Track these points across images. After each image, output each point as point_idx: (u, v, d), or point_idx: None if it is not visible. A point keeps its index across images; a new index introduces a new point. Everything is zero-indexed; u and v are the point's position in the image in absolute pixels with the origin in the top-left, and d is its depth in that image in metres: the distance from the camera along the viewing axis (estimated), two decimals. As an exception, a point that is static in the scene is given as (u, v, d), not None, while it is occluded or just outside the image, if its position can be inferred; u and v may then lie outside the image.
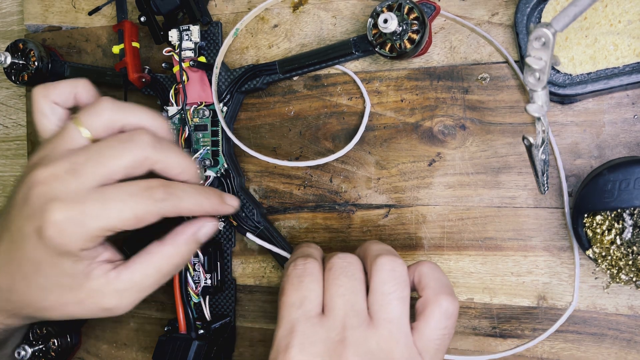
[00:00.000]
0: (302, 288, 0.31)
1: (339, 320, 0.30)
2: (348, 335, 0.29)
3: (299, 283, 0.31)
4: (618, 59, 0.35)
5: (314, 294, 0.31)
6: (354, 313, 0.30)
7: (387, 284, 0.31)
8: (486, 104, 0.38)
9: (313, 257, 0.33)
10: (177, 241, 0.34)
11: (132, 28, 0.44)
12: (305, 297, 0.31)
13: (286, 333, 0.30)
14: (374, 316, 0.30)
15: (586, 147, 0.36)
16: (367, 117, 0.40)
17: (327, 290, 0.31)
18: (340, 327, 0.30)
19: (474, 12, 0.38)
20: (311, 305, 0.31)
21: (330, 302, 0.31)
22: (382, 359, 0.29)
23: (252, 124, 0.44)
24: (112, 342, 0.48)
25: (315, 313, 0.30)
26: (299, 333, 0.30)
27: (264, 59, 0.43)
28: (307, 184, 0.42)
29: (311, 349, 0.29)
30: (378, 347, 0.29)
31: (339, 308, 0.30)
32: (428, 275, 0.32)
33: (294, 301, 0.31)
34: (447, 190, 0.39)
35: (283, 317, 0.31)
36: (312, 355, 0.29)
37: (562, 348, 0.37)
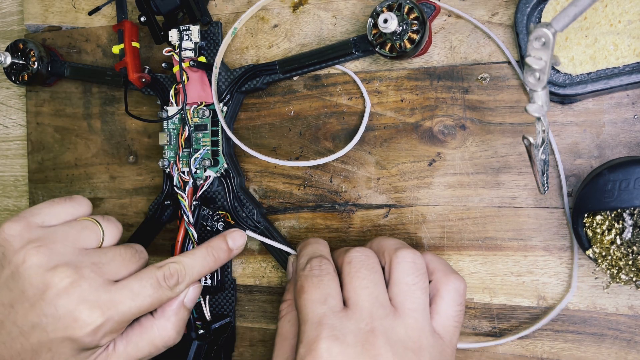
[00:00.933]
0: (322, 286, 0.32)
1: (365, 312, 0.31)
2: (377, 325, 0.30)
3: (319, 282, 0.32)
4: (618, 59, 0.35)
5: (335, 291, 0.32)
6: (379, 304, 0.31)
7: (410, 276, 0.32)
8: (486, 104, 0.38)
9: (326, 257, 0.35)
10: (166, 314, 0.36)
11: (132, 28, 0.44)
12: (328, 294, 0.32)
13: (315, 327, 0.30)
14: (399, 306, 0.31)
15: (586, 147, 0.36)
16: (367, 117, 0.40)
17: (349, 283, 0.32)
18: (368, 318, 0.30)
19: (473, 12, 0.38)
20: (334, 301, 0.31)
21: (354, 295, 0.31)
22: (411, 347, 0.30)
23: (252, 124, 0.44)
24: (112, 342, 0.48)
25: (340, 307, 0.31)
26: (328, 325, 0.30)
27: (264, 59, 0.43)
28: (307, 184, 0.42)
29: (343, 340, 0.29)
30: (406, 335, 0.30)
31: (364, 300, 0.31)
32: (433, 262, 0.34)
33: (318, 298, 0.31)
34: (447, 190, 0.39)
35: (308, 314, 0.31)
36: (344, 345, 0.29)
37: (562, 348, 0.37)
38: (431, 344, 0.31)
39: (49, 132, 0.51)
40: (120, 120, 0.48)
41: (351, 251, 0.33)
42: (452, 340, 0.32)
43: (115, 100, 0.48)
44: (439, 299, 0.33)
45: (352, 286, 0.32)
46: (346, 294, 0.32)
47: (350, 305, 0.31)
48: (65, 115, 0.50)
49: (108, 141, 0.48)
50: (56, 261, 0.32)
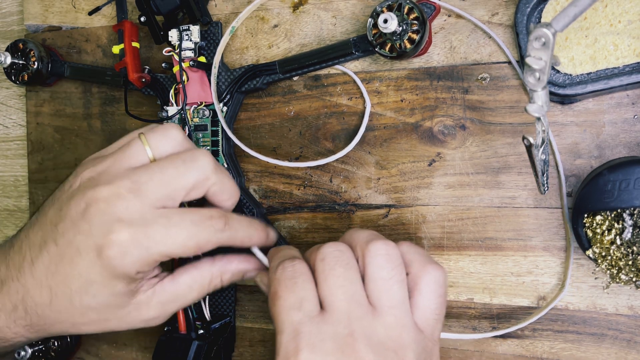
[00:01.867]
0: (297, 289, 0.30)
1: (342, 313, 0.29)
2: (355, 327, 0.29)
3: (293, 285, 0.30)
4: (618, 59, 0.35)
5: (310, 293, 0.30)
6: (357, 303, 0.30)
7: (384, 269, 0.30)
8: (486, 104, 0.38)
9: (298, 257, 0.33)
10: (228, 267, 0.35)
11: (132, 28, 0.44)
12: (303, 298, 0.30)
13: (291, 337, 0.29)
14: (376, 304, 0.30)
15: (586, 147, 0.36)
16: (367, 117, 0.40)
17: (324, 282, 0.30)
18: (345, 320, 0.29)
19: (473, 12, 0.38)
20: (310, 305, 0.30)
21: (330, 295, 0.30)
22: (392, 347, 0.29)
23: (252, 124, 0.44)
24: (112, 342, 0.48)
25: (317, 312, 0.30)
26: (305, 334, 0.29)
27: (264, 59, 0.43)
28: (307, 184, 0.42)
29: (321, 348, 0.28)
30: (387, 335, 0.29)
31: (341, 300, 0.30)
32: (409, 252, 0.32)
33: (293, 303, 0.30)
34: (447, 190, 0.39)
35: (284, 322, 0.30)
36: (324, 353, 0.28)
37: (562, 348, 0.37)
38: (413, 340, 0.29)
39: (49, 132, 0.51)
40: (120, 121, 0.48)
41: (323, 247, 0.32)
42: (433, 334, 0.31)
43: (115, 100, 0.48)
44: (417, 292, 0.31)
45: (327, 285, 0.30)
46: (321, 294, 0.30)
47: (327, 307, 0.30)
48: (65, 116, 0.50)
49: (108, 141, 0.48)
50: (98, 181, 0.31)
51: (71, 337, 0.47)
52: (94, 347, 0.48)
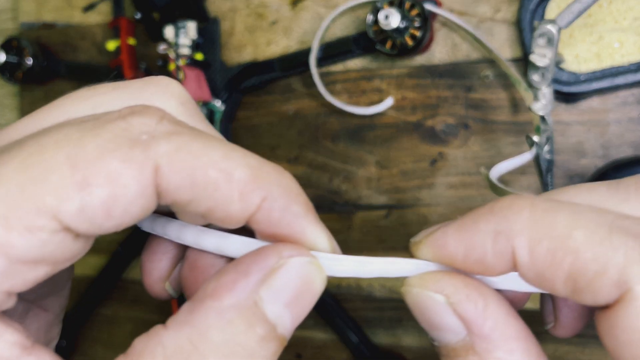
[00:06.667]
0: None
1: None
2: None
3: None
4: (623, 57, 0.34)
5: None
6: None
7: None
8: (489, 102, 0.38)
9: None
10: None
11: (129, 25, 0.44)
12: None
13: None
14: None
15: (591, 146, 0.36)
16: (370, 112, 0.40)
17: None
18: None
19: (476, 9, 0.38)
20: None
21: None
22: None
23: (250, 123, 0.43)
24: (109, 344, 0.48)
25: None
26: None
27: (262, 56, 0.43)
28: (307, 183, 0.42)
29: None
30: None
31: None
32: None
33: None
34: (450, 190, 0.38)
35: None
36: None
37: (566, 351, 0.36)
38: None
39: (43, 131, 0.50)
40: (116, 119, 0.48)
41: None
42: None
43: (111, 98, 0.48)
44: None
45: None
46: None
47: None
48: (60, 114, 0.50)
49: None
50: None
51: (68, 341, 0.46)
52: (90, 349, 0.48)
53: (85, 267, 0.48)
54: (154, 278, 0.22)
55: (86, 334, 0.48)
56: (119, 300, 0.48)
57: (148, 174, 0.16)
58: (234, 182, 0.17)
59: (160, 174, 0.16)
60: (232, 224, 0.18)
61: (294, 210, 0.18)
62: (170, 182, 0.16)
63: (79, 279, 0.48)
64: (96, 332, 0.48)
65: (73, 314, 0.48)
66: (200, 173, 0.16)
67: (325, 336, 0.42)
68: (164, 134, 0.16)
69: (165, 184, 0.16)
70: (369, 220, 0.40)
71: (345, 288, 0.42)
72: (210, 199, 0.17)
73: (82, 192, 0.15)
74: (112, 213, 0.16)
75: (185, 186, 0.16)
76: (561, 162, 0.36)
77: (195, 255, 0.20)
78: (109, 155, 0.15)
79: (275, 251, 0.17)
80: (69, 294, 0.23)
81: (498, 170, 0.32)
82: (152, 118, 0.17)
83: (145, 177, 0.16)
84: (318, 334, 0.42)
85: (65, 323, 0.49)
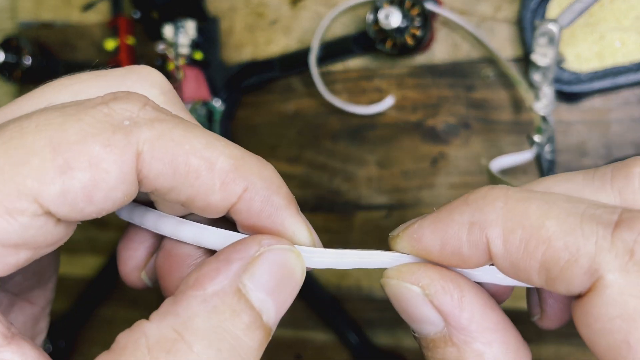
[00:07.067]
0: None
1: None
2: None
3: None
4: (625, 56, 0.34)
5: None
6: None
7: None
8: (490, 101, 0.38)
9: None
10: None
11: (127, 24, 0.44)
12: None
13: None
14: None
15: (593, 146, 0.36)
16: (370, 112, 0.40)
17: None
18: None
19: (477, 8, 0.37)
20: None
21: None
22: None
23: (250, 122, 0.43)
24: (108, 345, 0.47)
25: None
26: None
27: (262, 55, 0.43)
28: (307, 183, 0.42)
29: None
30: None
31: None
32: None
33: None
34: (451, 190, 0.38)
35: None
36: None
37: (567, 353, 0.36)
38: None
39: (42, 131, 0.50)
40: (115, 119, 0.47)
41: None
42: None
43: (110, 98, 0.48)
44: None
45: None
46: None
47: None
48: (59, 114, 0.49)
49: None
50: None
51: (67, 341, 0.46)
52: (88, 350, 0.48)
53: (84, 267, 0.48)
54: (130, 267, 0.22)
55: (85, 334, 0.48)
56: (118, 300, 0.47)
57: (130, 159, 0.16)
58: (215, 171, 0.17)
59: (142, 160, 0.16)
60: (212, 214, 0.18)
61: (275, 202, 0.18)
62: (152, 168, 0.16)
63: (78, 279, 0.48)
64: (95, 332, 0.48)
65: (72, 315, 0.48)
66: (181, 160, 0.16)
67: (326, 337, 0.42)
68: (147, 120, 0.16)
69: (146, 171, 0.16)
70: (370, 220, 0.40)
71: (345, 289, 0.41)
72: (191, 187, 0.17)
73: (64, 175, 0.15)
74: (93, 198, 0.15)
75: (167, 173, 0.16)
76: (563, 161, 0.36)
77: (171, 244, 0.20)
78: (90, 140, 0.15)
79: (255, 241, 0.17)
80: (55, 287, 0.23)
81: (499, 164, 0.32)
82: (135, 104, 0.16)
83: (127, 162, 0.16)
84: (318, 335, 0.42)
85: (64, 324, 0.49)
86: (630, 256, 0.14)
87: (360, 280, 0.41)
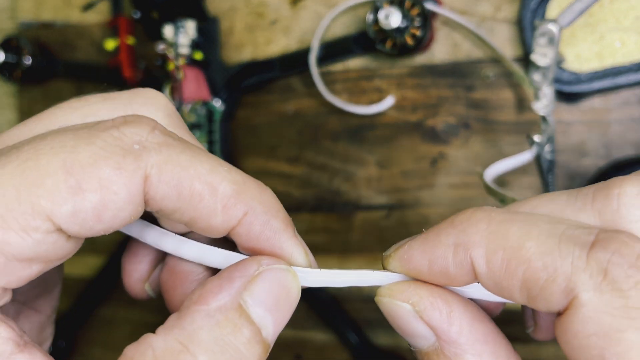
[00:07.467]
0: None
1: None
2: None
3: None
4: (625, 56, 0.34)
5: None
6: None
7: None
8: (490, 102, 0.37)
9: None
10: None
11: (128, 24, 0.44)
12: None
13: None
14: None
15: (592, 146, 0.36)
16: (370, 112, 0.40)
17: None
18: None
19: (477, 8, 0.37)
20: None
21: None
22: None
23: (250, 122, 0.43)
24: (107, 345, 0.47)
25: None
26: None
27: (262, 56, 0.43)
28: (307, 183, 0.42)
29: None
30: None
31: None
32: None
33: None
34: (450, 190, 0.38)
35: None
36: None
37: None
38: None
39: (42, 131, 0.50)
40: (115, 119, 0.47)
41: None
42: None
43: (110, 98, 0.48)
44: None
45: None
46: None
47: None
48: (59, 114, 0.49)
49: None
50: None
51: (67, 341, 0.46)
52: (87, 351, 0.48)
53: (83, 267, 0.48)
54: (134, 279, 0.23)
55: (85, 334, 0.48)
56: (117, 301, 0.47)
57: (138, 182, 0.17)
58: (218, 195, 0.18)
59: (149, 183, 0.17)
60: (213, 234, 0.19)
61: (274, 226, 0.19)
62: (158, 191, 0.17)
63: (78, 279, 0.48)
64: (95, 333, 0.48)
65: (71, 315, 0.47)
66: (186, 185, 0.17)
67: (325, 337, 0.42)
68: (155, 144, 0.17)
69: (153, 193, 0.17)
70: (369, 221, 0.40)
71: (345, 289, 0.41)
72: (194, 209, 0.18)
73: (76, 196, 0.16)
74: (102, 217, 0.16)
75: (172, 196, 0.17)
76: (563, 162, 0.36)
77: (175, 262, 0.21)
78: (102, 163, 0.16)
79: (255, 260, 0.18)
80: (59, 295, 0.23)
81: (494, 171, 0.32)
82: (144, 128, 0.17)
83: (135, 185, 0.17)
84: (318, 335, 0.42)
85: (63, 324, 0.49)
86: (604, 276, 0.15)
87: (360, 281, 0.41)
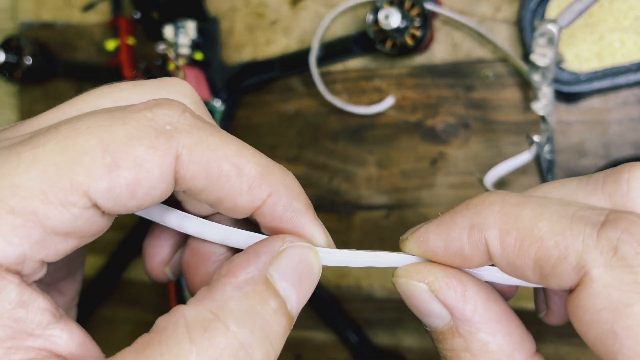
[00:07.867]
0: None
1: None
2: None
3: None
4: (624, 56, 0.34)
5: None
6: None
7: None
8: (490, 102, 0.37)
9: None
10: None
11: (128, 24, 0.44)
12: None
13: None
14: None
15: (592, 146, 0.36)
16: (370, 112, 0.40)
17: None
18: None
19: (477, 8, 0.37)
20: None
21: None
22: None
23: (250, 122, 0.43)
24: (107, 345, 0.47)
25: None
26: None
27: (262, 56, 0.43)
28: (307, 183, 0.42)
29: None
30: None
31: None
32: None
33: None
34: (450, 190, 0.38)
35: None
36: None
37: (567, 352, 0.36)
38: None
39: (42, 131, 0.50)
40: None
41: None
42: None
43: (111, 98, 0.48)
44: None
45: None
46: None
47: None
48: (59, 114, 0.49)
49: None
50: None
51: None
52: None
53: (84, 267, 0.48)
54: (156, 262, 0.24)
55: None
56: (118, 300, 0.48)
57: (170, 161, 0.17)
58: (244, 176, 0.18)
59: (180, 163, 0.18)
60: (238, 214, 0.19)
61: (296, 207, 0.20)
62: (188, 170, 0.18)
63: (78, 279, 0.48)
64: (95, 332, 0.47)
65: (72, 315, 0.48)
66: (214, 165, 0.18)
67: (326, 336, 0.42)
68: (186, 126, 0.18)
69: (183, 172, 0.18)
70: (369, 220, 0.40)
71: (345, 289, 0.41)
72: (221, 189, 0.18)
73: (111, 173, 0.16)
74: (136, 194, 0.17)
75: (201, 176, 0.18)
76: (562, 161, 0.36)
77: (197, 243, 0.22)
78: (136, 142, 0.17)
79: (279, 238, 0.19)
80: (82, 278, 0.24)
81: (493, 175, 0.32)
82: (176, 111, 0.18)
83: (167, 164, 0.17)
84: (318, 335, 0.42)
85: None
86: (614, 253, 0.16)
87: (360, 280, 0.41)
